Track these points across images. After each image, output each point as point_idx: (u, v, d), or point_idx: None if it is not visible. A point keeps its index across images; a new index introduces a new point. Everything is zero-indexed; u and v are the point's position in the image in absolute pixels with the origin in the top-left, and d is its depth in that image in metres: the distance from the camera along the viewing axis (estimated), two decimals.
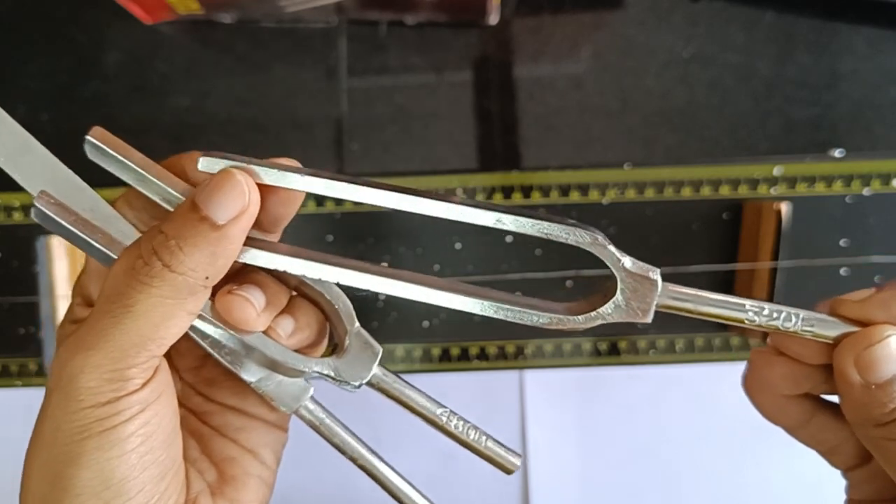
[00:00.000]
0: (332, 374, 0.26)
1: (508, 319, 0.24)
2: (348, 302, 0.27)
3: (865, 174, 0.47)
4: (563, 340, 0.48)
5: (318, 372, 0.26)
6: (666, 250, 0.47)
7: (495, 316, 0.24)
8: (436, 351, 0.48)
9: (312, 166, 0.51)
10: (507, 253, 0.48)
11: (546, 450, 0.52)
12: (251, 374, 0.26)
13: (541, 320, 0.25)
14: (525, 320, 0.24)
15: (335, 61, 0.48)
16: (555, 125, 0.48)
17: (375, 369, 0.26)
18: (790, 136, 0.48)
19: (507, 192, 0.47)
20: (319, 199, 0.47)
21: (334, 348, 0.27)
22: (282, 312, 0.26)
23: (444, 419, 0.27)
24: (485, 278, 0.47)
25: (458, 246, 0.48)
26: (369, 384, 0.27)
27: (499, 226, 0.23)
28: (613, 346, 0.48)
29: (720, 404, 0.53)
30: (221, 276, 0.23)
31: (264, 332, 0.25)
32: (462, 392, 0.51)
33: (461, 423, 0.27)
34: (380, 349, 0.27)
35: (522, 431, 0.52)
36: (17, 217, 0.48)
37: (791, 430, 0.28)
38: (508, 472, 0.27)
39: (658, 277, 0.24)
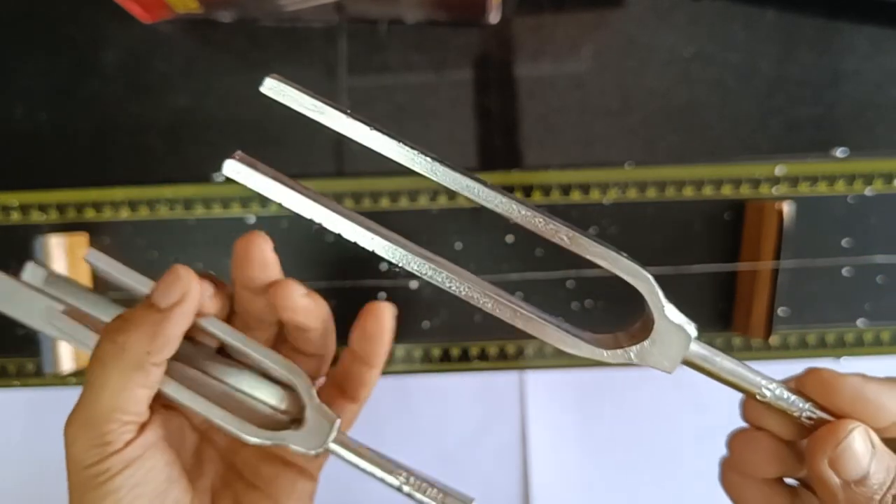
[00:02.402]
0: (290, 443, 0.28)
1: (542, 338, 0.25)
2: (307, 379, 0.29)
3: (868, 174, 0.47)
4: None
5: (276, 442, 0.28)
6: (668, 250, 0.47)
7: (530, 331, 0.25)
8: (436, 351, 0.48)
9: (312, 166, 0.50)
10: (507, 253, 0.47)
11: (547, 450, 0.52)
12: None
13: (570, 349, 0.25)
14: (560, 343, 0.25)
15: (335, 60, 0.48)
16: (556, 124, 0.48)
17: (332, 439, 0.28)
18: (792, 135, 0.48)
19: (508, 191, 0.47)
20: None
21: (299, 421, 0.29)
22: None
23: (402, 481, 0.28)
24: (485, 278, 0.47)
25: (458, 246, 0.47)
26: (331, 451, 0.28)
27: (557, 240, 0.24)
28: None
29: (721, 404, 0.53)
30: (165, 353, 0.26)
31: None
32: (462, 393, 0.51)
33: (418, 482, 0.28)
34: (337, 419, 0.28)
35: (523, 432, 0.52)
36: (15, 217, 0.48)
37: None
38: None
39: (694, 332, 0.24)
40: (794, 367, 0.48)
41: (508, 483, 0.52)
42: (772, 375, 0.26)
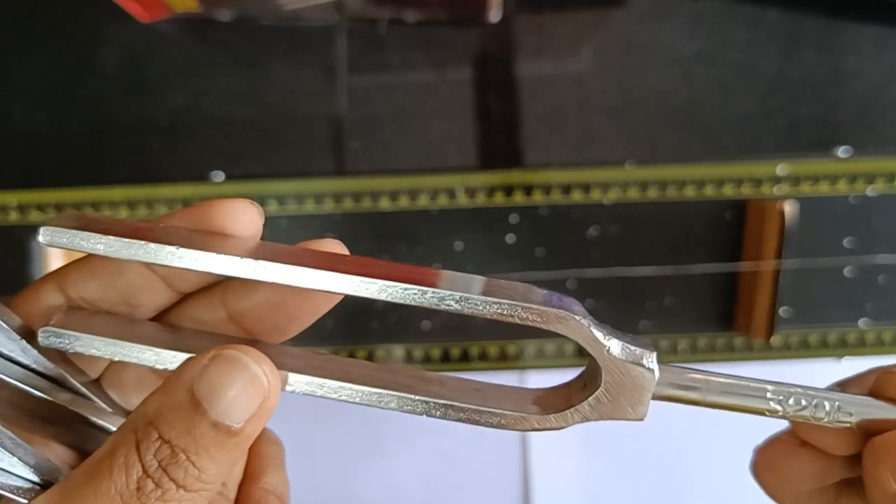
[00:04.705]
0: None
1: (461, 421, 0.19)
2: None
3: (870, 173, 0.47)
4: (564, 341, 0.48)
5: None
6: (669, 250, 0.47)
7: (444, 419, 0.19)
8: (436, 352, 0.48)
9: (312, 166, 0.50)
10: (507, 253, 0.47)
11: (547, 451, 0.52)
12: None
13: (502, 420, 0.19)
14: (482, 422, 0.19)
15: (335, 59, 0.48)
16: (556, 123, 0.48)
17: None
18: (794, 134, 0.48)
19: (508, 190, 0.47)
20: (318, 198, 0.47)
21: None
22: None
23: None
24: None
25: (458, 246, 0.47)
26: None
27: (444, 307, 0.18)
28: None
29: None
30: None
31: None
32: None
33: None
34: None
35: (523, 433, 0.52)
36: (13, 217, 0.47)
37: None
38: None
39: (655, 366, 0.19)
40: (795, 367, 0.48)
41: (508, 483, 0.52)
42: (772, 376, 0.24)
